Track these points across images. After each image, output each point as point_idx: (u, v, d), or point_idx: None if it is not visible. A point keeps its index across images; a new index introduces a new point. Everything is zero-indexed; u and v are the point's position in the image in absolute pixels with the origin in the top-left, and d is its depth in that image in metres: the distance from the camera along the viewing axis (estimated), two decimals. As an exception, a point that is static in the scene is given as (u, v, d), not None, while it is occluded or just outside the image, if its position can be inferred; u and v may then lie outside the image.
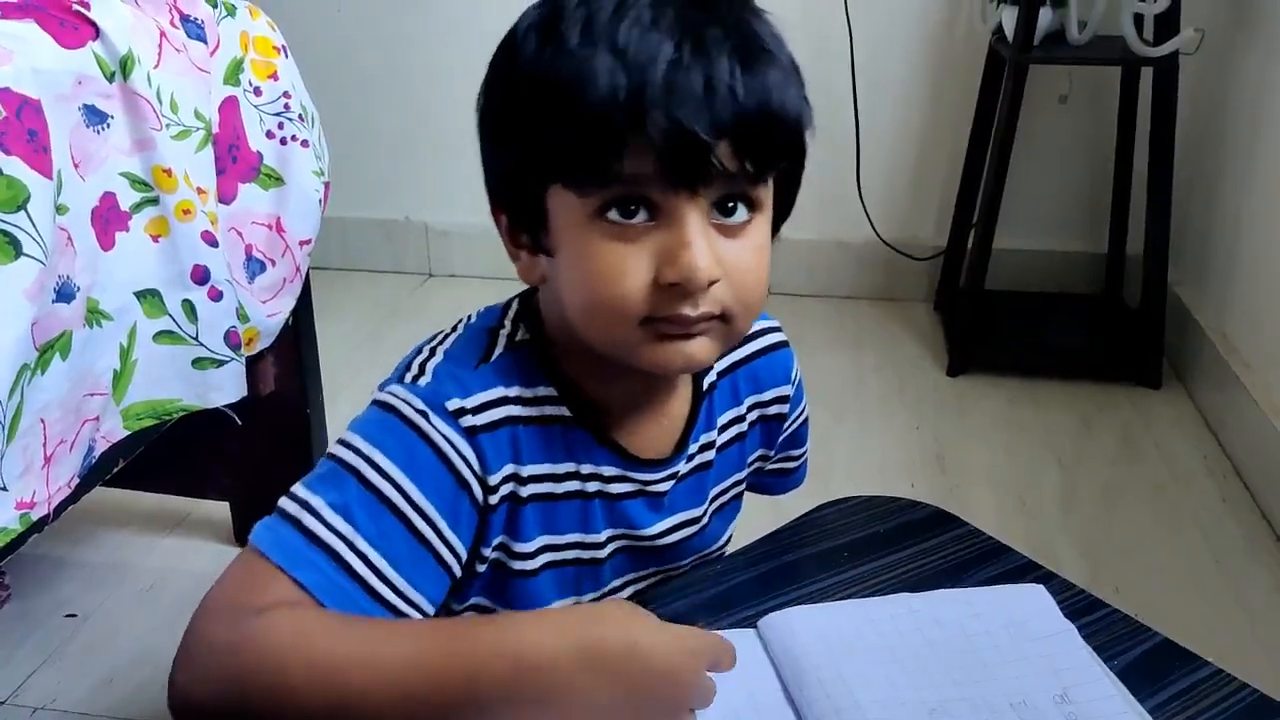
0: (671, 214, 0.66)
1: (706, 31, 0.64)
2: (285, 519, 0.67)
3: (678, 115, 0.63)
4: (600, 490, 0.78)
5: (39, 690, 1.43)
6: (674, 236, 0.66)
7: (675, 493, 0.82)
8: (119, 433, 1.24)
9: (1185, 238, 2.30)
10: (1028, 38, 2.08)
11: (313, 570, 0.64)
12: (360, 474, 0.68)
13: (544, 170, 0.68)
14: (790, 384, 0.89)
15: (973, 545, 0.85)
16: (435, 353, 0.75)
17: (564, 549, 0.78)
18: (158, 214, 1.22)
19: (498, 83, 0.71)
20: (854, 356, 2.38)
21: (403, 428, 0.70)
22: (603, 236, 0.66)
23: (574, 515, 0.78)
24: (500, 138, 0.71)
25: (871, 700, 0.67)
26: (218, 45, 1.33)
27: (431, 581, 0.69)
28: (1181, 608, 1.59)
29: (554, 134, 0.66)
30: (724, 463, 0.86)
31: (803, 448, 0.96)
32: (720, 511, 0.88)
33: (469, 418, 0.71)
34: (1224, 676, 0.72)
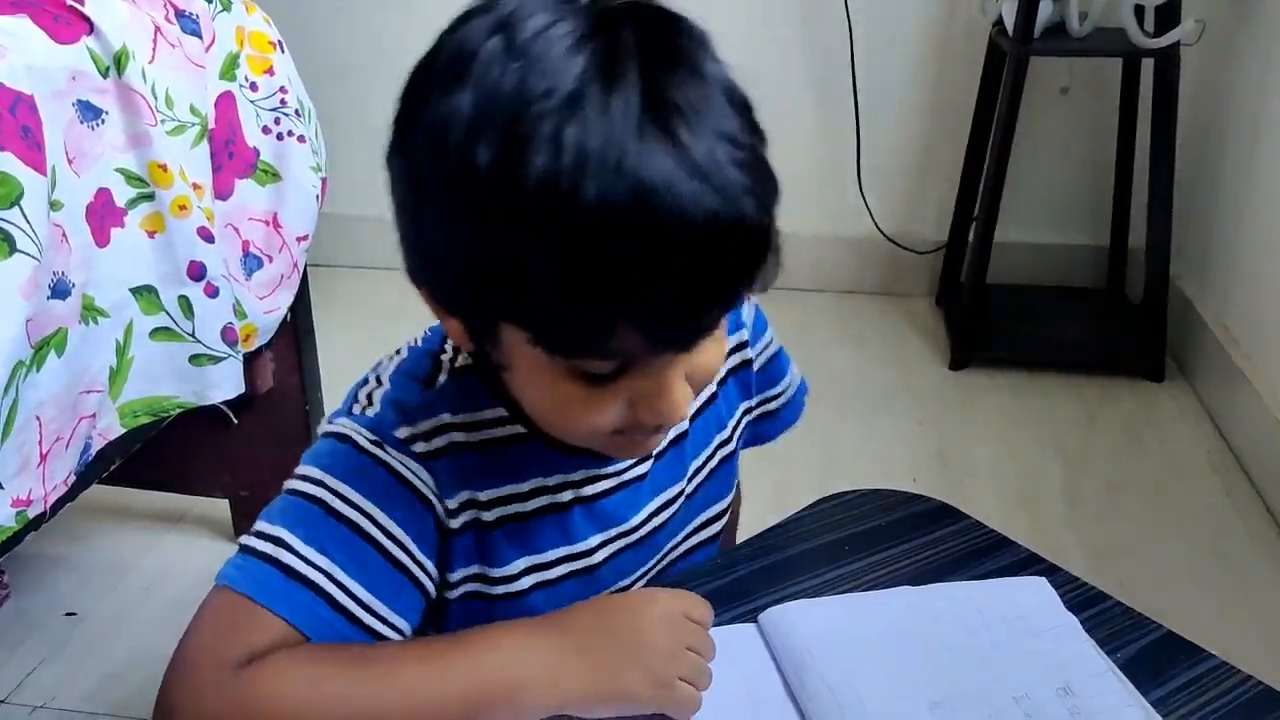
0: (650, 363, 0.62)
1: (719, 154, 0.55)
2: (258, 557, 0.65)
3: (687, 320, 0.59)
4: (576, 496, 0.76)
5: (38, 689, 1.43)
6: (652, 383, 0.62)
7: (657, 471, 0.80)
8: (116, 430, 1.24)
9: (1187, 230, 2.29)
10: (1028, 30, 2.07)
11: (296, 607, 0.64)
12: (325, 504, 0.67)
13: (513, 319, 0.60)
14: (745, 328, 0.85)
15: (975, 539, 0.84)
16: (381, 381, 0.74)
17: (551, 566, 0.76)
18: (153, 210, 1.21)
19: (454, 172, 0.57)
20: (856, 351, 2.37)
21: (359, 456, 0.69)
22: (569, 379, 0.62)
23: (553, 530, 0.76)
24: (453, 247, 0.60)
25: (873, 694, 0.66)
26: (213, 40, 1.33)
27: (409, 605, 0.69)
28: (1184, 601, 1.58)
29: (543, 303, 0.57)
30: (701, 429, 0.83)
31: (781, 383, 0.91)
32: (707, 481, 0.85)
33: (420, 444, 0.70)
34: (1227, 669, 0.71)
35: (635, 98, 0.54)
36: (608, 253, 0.54)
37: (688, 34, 0.59)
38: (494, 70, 0.55)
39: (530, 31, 0.55)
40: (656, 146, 0.53)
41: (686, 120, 0.54)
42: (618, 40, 0.55)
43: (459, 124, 0.56)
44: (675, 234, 0.54)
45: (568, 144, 0.53)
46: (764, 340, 0.89)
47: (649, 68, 0.55)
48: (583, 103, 0.53)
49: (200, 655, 0.62)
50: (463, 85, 0.56)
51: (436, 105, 0.57)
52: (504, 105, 0.54)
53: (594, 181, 0.52)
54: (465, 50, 0.57)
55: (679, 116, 0.54)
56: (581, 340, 0.58)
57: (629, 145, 0.53)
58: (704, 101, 0.56)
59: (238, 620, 0.63)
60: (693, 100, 0.55)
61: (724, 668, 0.69)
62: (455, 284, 0.62)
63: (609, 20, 0.56)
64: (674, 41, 0.58)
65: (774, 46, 2.48)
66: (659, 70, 0.55)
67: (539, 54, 0.55)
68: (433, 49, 0.61)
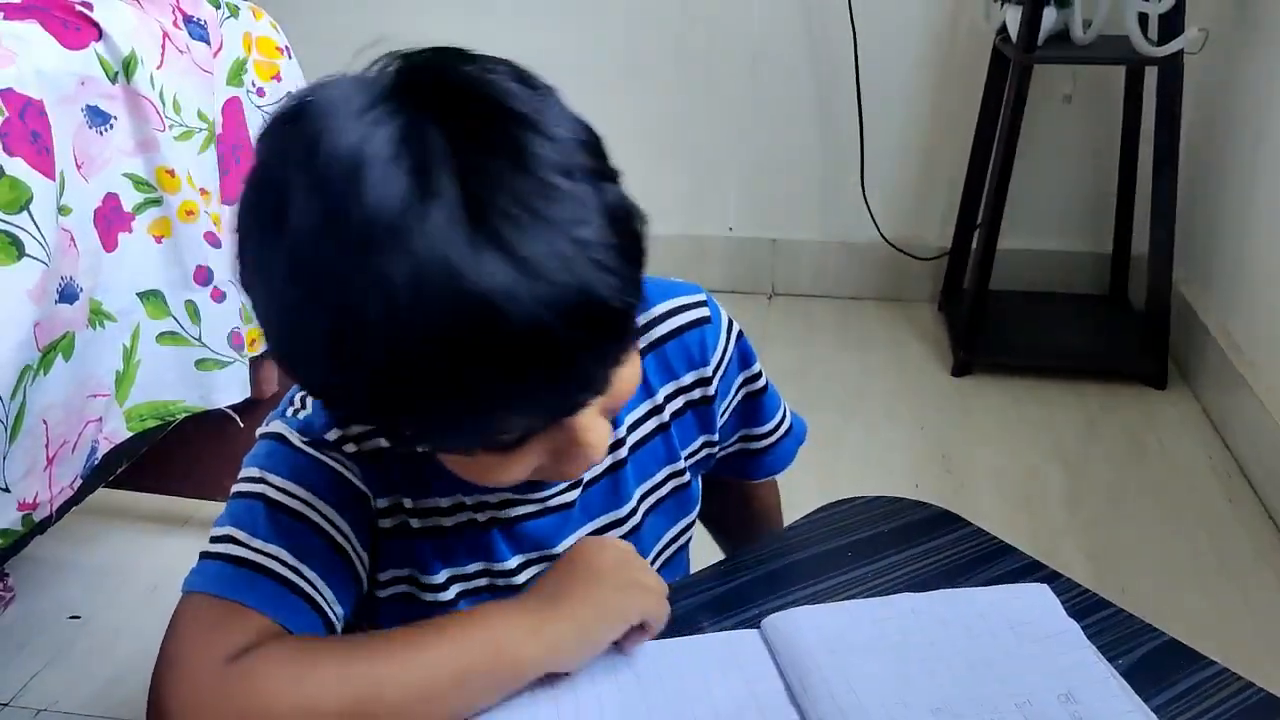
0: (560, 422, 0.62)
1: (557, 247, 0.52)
2: (212, 558, 0.68)
3: (566, 402, 0.60)
4: (493, 517, 0.76)
5: (42, 692, 1.43)
6: (564, 435, 0.62)
7: (589, 498, 0.79)
8: (122, 434, 1.24)
9: (1190, 237, 2.29)
10: (1032, 37, 2.08)
11: (259, 594, 0.65)
12: (267, 498, 0.69)
13: (402, 436, 0.62)
14: (710, 365, 0.82)
15: (977, 545, 0.85)
16: None
17: (472, 578, 0.77)
18: (161, 215, 1.22)
19: (301, 322, 0.55)
20: (859, 357, 2.37)
21: (294, 454, 0.71)
22: (480, 450, 0.62)
23: (472, 545, 0.76)
24: (326, 381, 0.58)
25: (876, 701, 0.67)
26: (220, 46, 1.33)
27: (347, 594, 0.71)
28: (1186, 608, 1.58)
29: (425, 422, 0.57)
30: (647, 458, 0.82)
31: (766, 423, 0.90)
32: (657, 509, 0.84)
33: (350, 445, 0.72)
34: (1229, 676, 0.71)
35: (457, 211, 0.51)
36: (470, 368, 0.53)
37: (506, 115, 0.54)
38: (306, 219, 0.53)
39: (335, 161, 0.52)
40: (488, 258, 0.51)
41: (514, 220, 0.51)
42: (426, 148, 0.52)
43: (290, 282, 0.54)
44: (531, 339, 0.52)
45: (399, 280, 0.51)
46: (744, 375, 0.87)
47: (465, 173, 0.52)
48: (402, 232, 0.51)
49: (188, 653, 0.63)
50: (280, 237, 0.54)
51: (265, 255, 0.56)
52: (323, 260, 0.52)
53: (434, 310, 0.51)
54: (277, 189, 0.54)
55: (505, 220, 0.51)
56: (472, 440, 0.60)
57: (461, 264, 0.51)
58: (534, 192, 0.52)
59: (217, 618, 0.64)
60: (519, 195, 0.52)
61: (728, 673, 0.69)
62: (338, 404, 0.63)
63: (416, 121, 0.53)
64: (492, 129, 0.54)
65: (778, 53, 2.48)
66: (476, 171, 0.52)
67: (343, 191, 0.51)
68: (254, 171, 0.58)
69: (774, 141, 2.55)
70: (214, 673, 0.61)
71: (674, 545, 0.87)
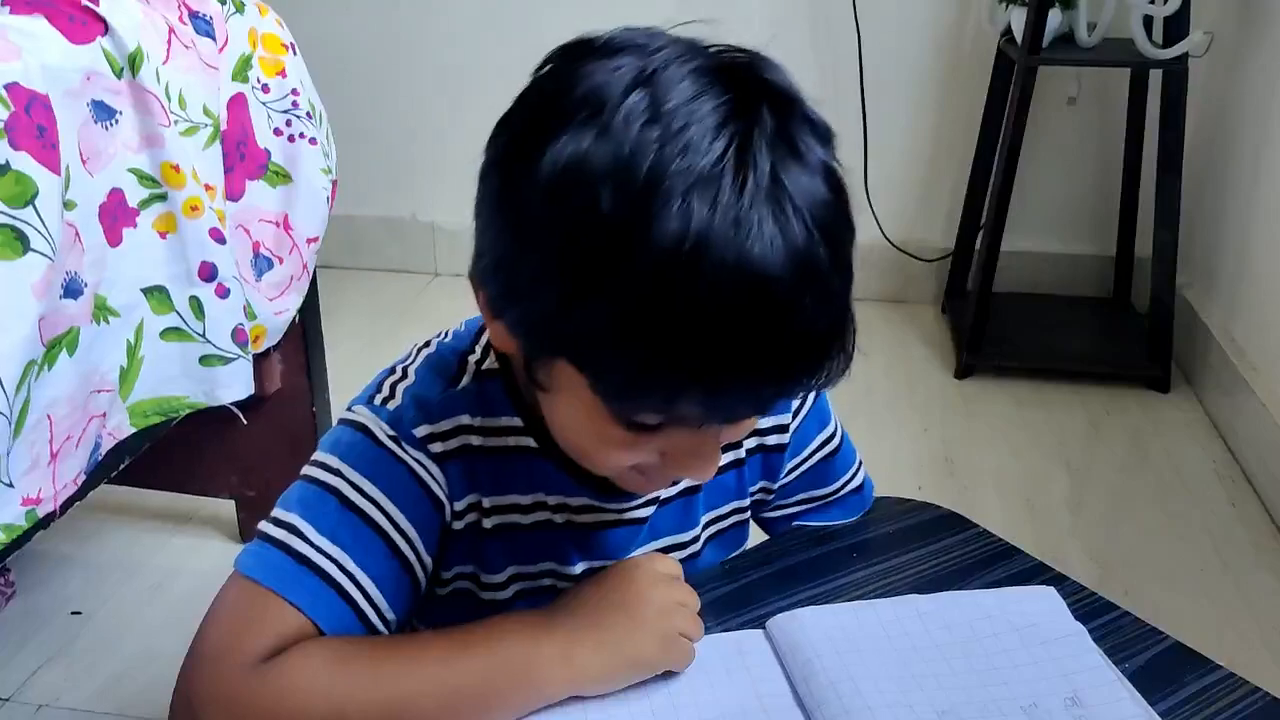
0: (694, 425, 0.62)
1: (821, 253, 0.56)
2: (272, 543, 0.67)
3: (750, 404, 0.61)
4: (569, 520, 0.76)
5: (43, 688, 1.43)
6: (692, 443, 0.63)
7: (659, 517, 0.80)
8: (126, 429, 1.24)
9: (1194, 240, 2.29)
10: (1036, 39, 2.08)
11: (308, 594, 0.65)
12: (341, 494, 0.69)
13: (581, 363, 0.60)
14: (789, 413, 0.83)
15: (982, 547, 0.85)
16: (406, 374, 0.75)
17: (537, 577, 0.78)
18: (165, 210, 1.22)
19: (571, 215, 0.56)
20: (862, 359, 2.32)
21: (376, 450, 0.70)
22: (611, 421, 0.62)
23: (544, 545, 0.77)
24: (545, 282, 0.58)
25: (882, 703, 0.66)
26: (226, 42, 1.33)
27: (404, 599, 0.71)
28: (1190, 612, 1.58)
29: (618, 359, 0.57)
30: (719, 488, 0.83)
31: (833, 485, 0.89)
32: (717, 539, 0.85)
33: (437, 444, 0.71)
34: (1235, 680, 0.71)
35: (763, 188, 0.54)
36: (704, 330, 0.54)
37: (812, 126, 0.59)
38: (634, 129, 0.55)
39: (676, 100, 0.55)
40: (771, 238, 0.54)
41: (800, 215, 0.55)
42: (755, 126, 0.56)
43: (589, 172, 0.55)
44: (768, 323, 0.55)
45: (695, 221, 0.53)
46: (820, 436, 0.87)
47: (777, 159, 0.55)
48: (715, 185, 0.54)
49: (222, 649, 0.63)
50: (598, 133, 0.55)
51: (566, 144, 0.56)
52: (641, 167, 0.54)
53: (711, 261, 0.53)
54: (603, 97, 0.56)
55: (795, 212, 0.55)
56: (644, 401, 0.59)
57: (749, 233, 0.54)
58: (815, 197, 0.56)
59: (256, 612, 0.65)
60: (806, 195, 0.56)
61: (733, 674, 0.69)
62: (533, 314, 0.61)
63: (747, 103, 0.56)
64: (800, 134, 0.58)
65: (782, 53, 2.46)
66: (784, 161, 0.56)
67: (681, 127, 0.55)
68: (555, 78, 0.60)
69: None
70: (246, 671, 0.62)
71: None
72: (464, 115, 2.55)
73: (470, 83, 2.58)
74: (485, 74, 2.47)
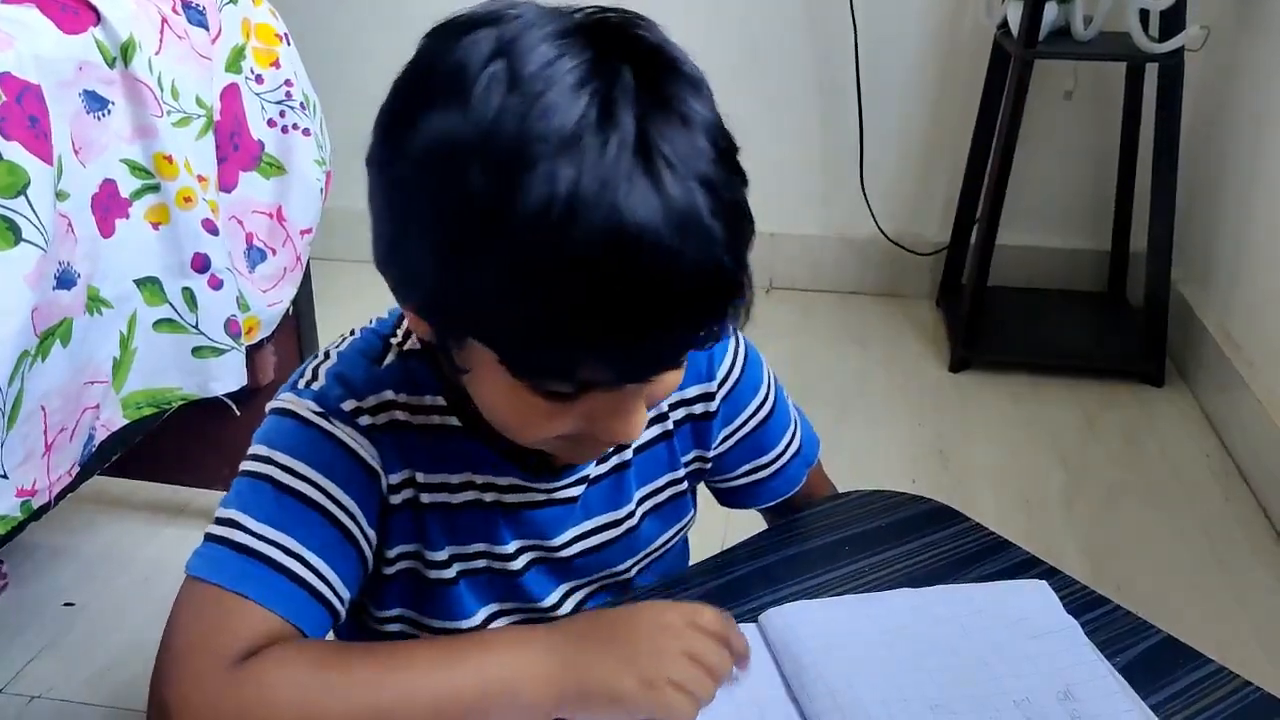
0: (611, 388, 0.63)
1: (699, 203, 0.56)
2: (215, 541, 0.67)
3: (653, 359, 0.61)
4: (498, 500, 0.76)
5: (36, 679, 1.43)
6: (612, 404, 0.63)
7: (591, 495, 0.80)
8: (119, 421, 1.24)
9: (1189, 235, 2.29)
10: (1033, 33, 2.07)
11: (253, 583, 0.65)
12: (275, 480, 0.69)
13: (484, 340, 0.60)
14: (715, 380, 0.83)
15: (975, 540, 0.85)
16: (329, 356, 0.75)
17: (472, 558, 0.77)
18: (158, 201, 1.21)
19: (445, 194, 0.57)
20: (857, 352, 2.37)
21: (304, 429, 0.71)
22: (530, 393, 0.62)
23: (476, 525, 0.76)
24: (433, 264, 0.59)
25: (874, 696, 0.66)
26: (219, 32, 1.33)
27: (354, 574, 0.71)
28: (1183, 606, 1.58)
29: (516, 332, 0.58)
30: (650, 462, 0.82)
31: (774, 450, 0.88)
32: (656, 513, 0.84)
33: (365, 417, 0.72)
34: (1226, 674, 0.71)
35: (629, 144, 0.55)
36: (587, 291, 0.55)
37: (682, 78, 0.59)
38: (494, 99, 0.55)
39: (533, 65, 0.56)
40: (643, 194, 0.54)
41: (673, 168, 0.55)
42: (615, 83, 0.56)
43: (455, 147, 0.56)
44: (653, 279, 0.55)
45: (561, 184, 0.53)
46: (752, 405, 0.86)
47: (643, 113, 0.56)
48: (579, 145, 0.54)
49: (192, 651, 0.63)
50: (461, 108, 0.56)
51: (432, 122, 0.57)
52: (503, 137, 0.54)
53: (582, 223, 0.53)
54: (464, 71, 0.57)
55: (666, 165, 0.55)
56: (549, 368, 0.60)
57: (618, 191, 0.54)
58: (690, 149, 0.56)
59: (213, 611, 0.65)
60: (679, 148, 0.56)
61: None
62: (429, 296, 0.62)
63: (609, 61, 0.56)
64: (668, 86, 0.58)
65: (778, 47, 2.48)
66: (651, 116, 0.56)
67: (541, 91, 0.55)
68: (423, 58, 0.61)
69: (773, 135, 2.54)
70: (219, 674, 0.61)
71: (666, 548, 0.87)
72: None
73: (466, 74, 2.56)
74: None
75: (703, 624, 0.68)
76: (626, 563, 0.83)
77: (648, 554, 0.85)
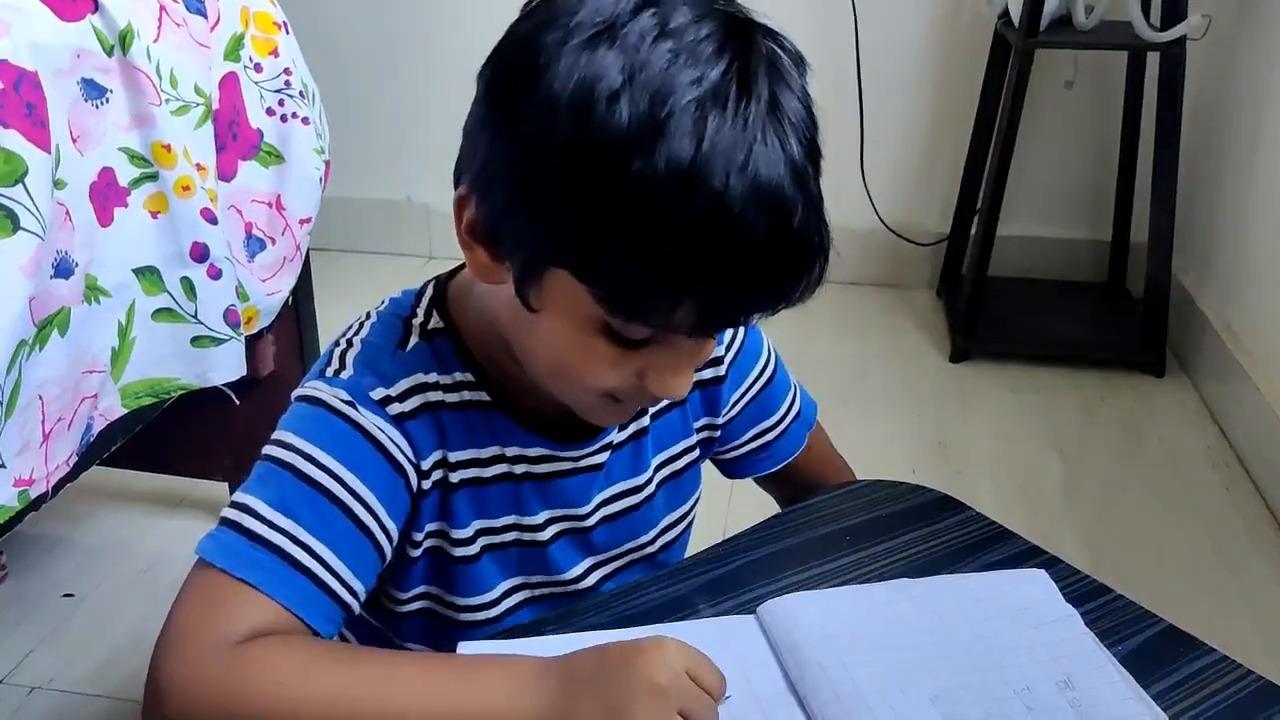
0: (679, 341, 0.66)
1: (809, 168, 0.62)
2: (228, 525, 0.67)
3: (740, 312, 0.65)
4: (528, 472, 0.77)
5: (36, 670, 1.43)
6: (671, 359, 0.66)
7: (612, 463, 0.81)
8: (117, 411, 1.24)
9: (1190, 225, 2.29)
10: (1033, 22, 2.07)
11: (258, 569, 0.65)
12: (296, 468, 0.68)
13: (584, 275, 0.62)
14: (721, 344, 0.86)
15: (975, 530, 0.84)
16: (353, 344, 0.75)
17: (501, 531, 0.78)
18: (157, 190, 1.21)
19: (585, 126, 0.58)
20: (857, 343, 2.37)
21: (333, 419, 0.70)
22: (599, 336, 0.65)
23: (506, 498, 0.77)
24: (554, 194, 0.61)
25: (873, 687, 0.66)
26: (218, 20, 1.32)
27: (369, 568, 0.70)
28: (1183, 596, 1.58)
29: (627, 269, 0.60)
30: (665, 429, 0.84)
31: (774, 415, 0.91)
32: (671, 482, 0.86)
33: (395, 405, 0.72)
34: (1228, 663, 0.71)
35: (763, 104, 0.59)
36: (709, 238, 0.58)
37: (792, 55, 0.63)
38: (647, 42, 0.58)
39: (681, 20, 0.59)
40: (775, 153, 0.59)
41: (796, 133, 0.60)
42: (753, 49, 0.60)
43: (604, 83, 0.58)
44: (772, 229, 0.59)
45: (707, 131, 0.57)
46: (753, 373, 0.89)
47: (772, 79, 0.60)
48: (723, 99, 0.58)
49: (190, 631, 0.63)
50: (611, 45, 0.58)
51: (577, 58, 0.59)
52: (655, 79, 0.57)
53: (720, 169, 0.57)
54: (613, 13, 0.59)
55: (791, 129, 0.60)
56: (646, 308, 0.62)
57: (754, 145, 0.58)
58: (803, 120, 0.61)
59: (216, 594, 0.65)
60: (796, 117, 0.61)
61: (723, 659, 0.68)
62: (538, 225, 0.63)
63: (743, 30, 0.61)
64: (786, 60, 0.62)
65: (779, 36, 2.47)
66: (777, 83, 0.60)
67: (690, 44, 0.58)
68: (550, 3, 0.62)
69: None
70: (212, 654, 0.61)
71: (681, 524, 0.88)
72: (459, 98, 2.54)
73: (466, 65, 2.55)
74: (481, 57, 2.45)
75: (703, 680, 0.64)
76: (648, 534, 0.85)
77: (665, 528, 0.86)
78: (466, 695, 0.63)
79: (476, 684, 0.63)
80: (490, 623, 0.80)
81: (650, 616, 0.74)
